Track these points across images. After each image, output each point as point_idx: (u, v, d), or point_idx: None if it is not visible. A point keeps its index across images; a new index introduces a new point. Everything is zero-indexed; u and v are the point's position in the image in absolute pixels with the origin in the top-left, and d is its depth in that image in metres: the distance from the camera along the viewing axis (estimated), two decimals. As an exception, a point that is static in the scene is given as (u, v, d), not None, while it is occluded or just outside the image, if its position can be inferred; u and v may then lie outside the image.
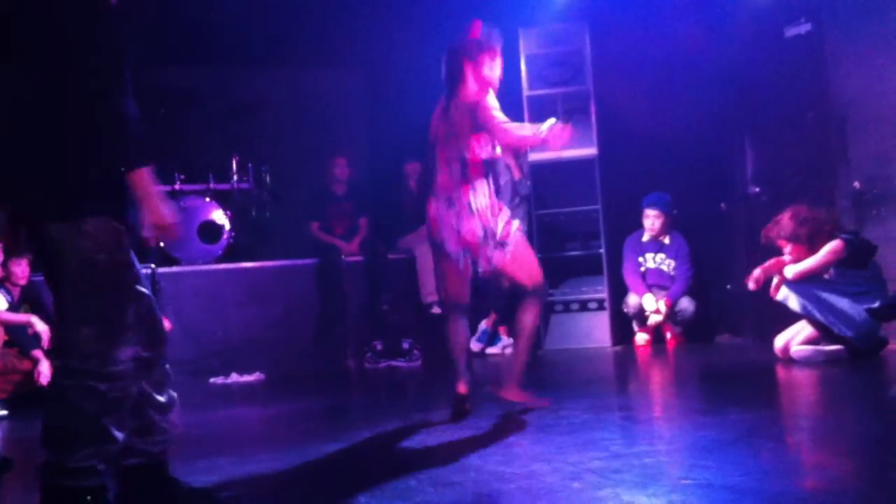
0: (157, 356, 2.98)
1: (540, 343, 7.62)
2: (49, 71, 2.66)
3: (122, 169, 2.73)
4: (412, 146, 8.37)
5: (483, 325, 7.59)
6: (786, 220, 5.74)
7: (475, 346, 7.45)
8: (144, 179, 2.78)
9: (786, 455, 3.35)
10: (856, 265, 5.62)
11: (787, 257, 5.78)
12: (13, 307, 6.14)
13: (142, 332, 2.89)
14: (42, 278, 2.86)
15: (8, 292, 6.18)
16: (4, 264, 6.17)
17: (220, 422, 5.31)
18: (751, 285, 5.82)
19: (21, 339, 5.97)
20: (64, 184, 2.70)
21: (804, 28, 6.68)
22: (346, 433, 4.22)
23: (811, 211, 5.74)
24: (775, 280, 5.78)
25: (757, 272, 5.79)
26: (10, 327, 6.00)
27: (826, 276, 5.72)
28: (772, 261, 5.84)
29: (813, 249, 5.67)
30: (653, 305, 7.36)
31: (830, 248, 5.63)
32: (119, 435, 2.78)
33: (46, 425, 2.74)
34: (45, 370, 5.81)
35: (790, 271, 5.71)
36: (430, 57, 8.43)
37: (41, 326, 5.95)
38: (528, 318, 4.55)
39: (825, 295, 5.60)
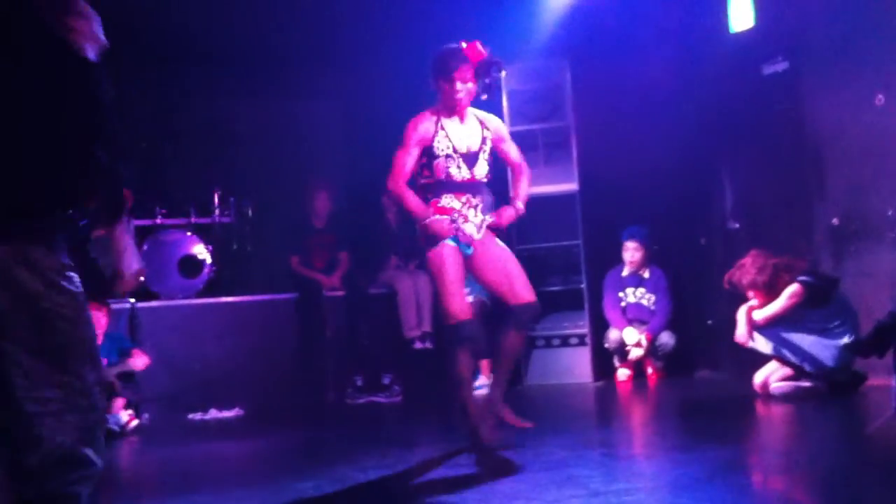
0: None
1: (521, 378, 7.60)
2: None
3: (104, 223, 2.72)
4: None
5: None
6: (747, 265, 5.79)
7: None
8: (119, 232, 2.76)
9: (763, 492, 3.34)
10: (818, 303, 5.63)
11: (753, 301, 5.80)
12: None
13: None
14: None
15: None
16: None
17: (198, 457, 5.26)
18: (742, 342, 5.80)
19: None
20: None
21: (781, 66, 6.76)
22: (324, 469, 4.19)
23: (769, 257, 5.77)
24: (739, 326, 5.81)
25: (741, 330, 5.78)
26: None
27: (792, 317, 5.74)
28: (743, 308, 5.84)
29: (773, 294, 5.70)
30: (634, 338, 7.36)
31: (790, 292, 5.65)
32: (98, 460, 2.75)
33: (31, 452, 2.70)
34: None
35: (756, 316, 5.74)
36: (409, 90, 8.52)
37: None
38: (507, 343, 4.51)
39: (792, 335, 5.65)
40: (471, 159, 4.49)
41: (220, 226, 8.08)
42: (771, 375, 5.80)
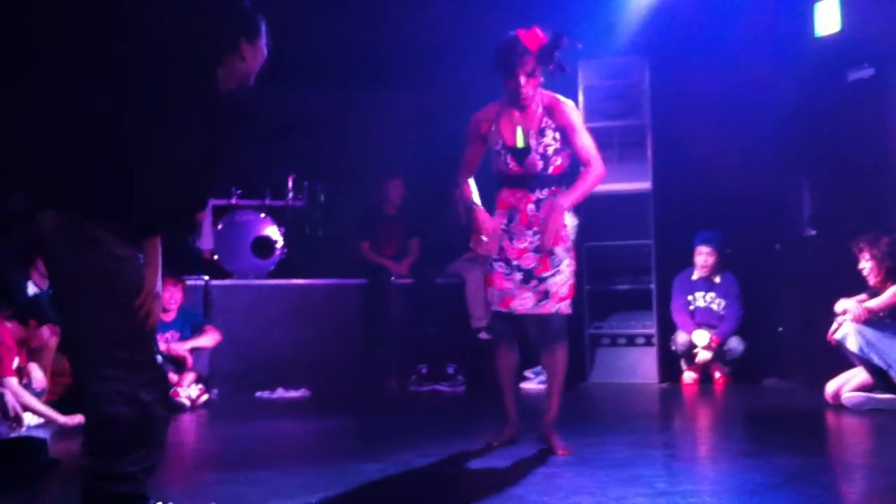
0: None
1: (584, 375, 7.58)
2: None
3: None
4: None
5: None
6: (884, 242, 5.69)
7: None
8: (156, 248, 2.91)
9: (832, 502, 3.29)
10: None
11: (846, 305, 5.67)
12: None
13: None
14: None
15: (36, 286, 6.29)
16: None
17: (263, 435, 5.35)
18: (857, 319, 5.67)
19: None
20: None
21: (867, 73, 6.61)
22: (386, 454, 4.23)
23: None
24: (835, 324, 5.71)
25: (854, 308, 5.66)
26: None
27: (888, 319, 5.64)
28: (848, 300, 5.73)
29: (886, 283, 5.60)
30: (705, 340, 7.27)
31: (894, 290, 5.56)
32: (160, 443, 2.82)
33: (88, 430, 2.78)
34: None
35: (870, 304, 5.62)
36: (483, 85, 8.52)
37: None
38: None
39: (886, 338, 5.51)
40: (522, 153, 4.32)
41: (292, 209, 8.19)
42: (844, 385, 5.69)
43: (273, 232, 7.80)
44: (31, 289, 6.23)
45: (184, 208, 2.83)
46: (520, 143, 4.31)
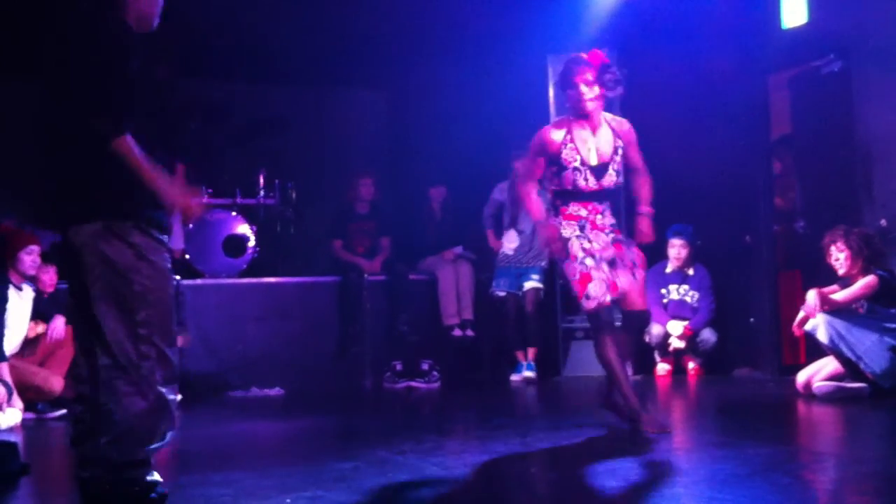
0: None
1: (558, 370, 7.61)
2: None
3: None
4: (436, 170, 8.43)
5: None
6: (857, 233, 5.75)
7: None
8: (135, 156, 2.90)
9: (803, 491, 3.32)
10: (887, 302, 5.59)
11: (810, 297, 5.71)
12: (39, 305, 6.22)
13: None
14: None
15: (34, 284, 6.25)
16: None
17: (237, 435, 5.32)
18: (810, 313, 5.70)
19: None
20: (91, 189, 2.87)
21: (835, 65, 6.67)
22: (362, 451, 4.22)
23: (879, 243, 5.77)
24: (801, 314, 5.75)
25: (811, 302, 5.69)
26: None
27: (860, 310, 5.69)
28: (815, 290, 5.75)
29: (858, 274, 5.65)
30: (678, 330, 7.33)
31: (864, 282, 5.61)
32: (167, 430, 2.89)
33: (101, 421, 2.85)
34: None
35: (835, 296, 5.66)
36: (454, 81, 8.52)
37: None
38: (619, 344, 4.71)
39: (855, 329, 5.56)
40: (600, 170, 4.60)
41: (264, 207, 8.16)
42: (814, 375, 5.74)
43: (245, 230, 7.76)
44: (27, 290, 6.17)
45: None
46: (594, 161, 4.57)
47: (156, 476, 2.96)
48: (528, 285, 7.39)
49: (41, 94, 3.02)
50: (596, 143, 4.59)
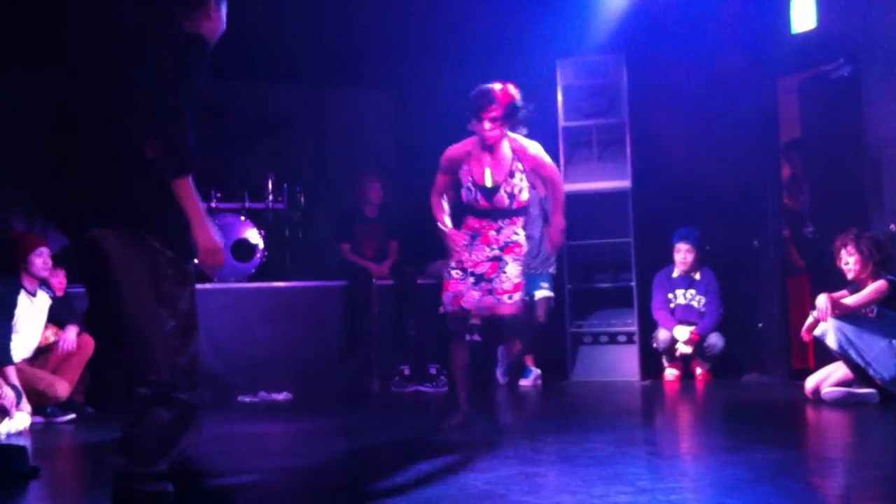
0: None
1: (566, 374, 7.61)
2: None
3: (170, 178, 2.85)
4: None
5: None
6: (869, 237, 5.74)
7: (501, 379, 7.43)
8: (192, 197, 2.90)
9: (812, 496, 3.31)
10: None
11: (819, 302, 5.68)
12: (56, 306, 6.25)
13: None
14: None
15: (49, 288, 6.28)
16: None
17: (245, 438, 5.33)
18: (821, 317, 5.67)
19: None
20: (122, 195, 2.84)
21: (844, 69, 6.66)
22: (369, 455, 4.23)
23: (890, 247, 5.76)
24: (810, 319, 5.73)
25: (821, 305, 5.66)
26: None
27: (870, 315, 5.67)
28: (824, 295, 5.72)
29: (868, 278, 5.64)
30: (685, 335, 7.32)
31: (874, 287, 5.59)
32: (189, 443, 2.96)
33: (129, 435, 2.87)
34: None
35: (846, 300, 5.64)
36: (462, 82, 8.51)
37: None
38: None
39: (864, 335, 5.54)
40: (491, 192, 4.89)
41: (272, 211, 8.17)
42: (823, 381, 5.72)
43: (253, 235, 7.78)
44: (42, 296, 6.19)
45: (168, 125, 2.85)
46: (488, 183, 4.89)
47: (168, 487, 2.93)
48: (539, 294, 7.33)
49: (70, 92, 2.96)
50: (492, 166, 4.89)
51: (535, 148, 5.00)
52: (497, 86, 4.84)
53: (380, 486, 3.65)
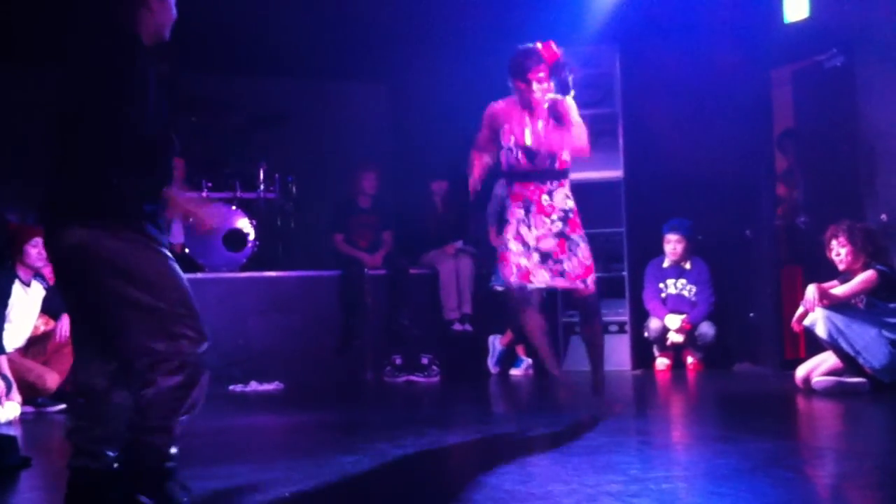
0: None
1: (559, 363, 7.60)
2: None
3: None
4: (438, 163, 8.42)
5: (498, 345, 7.55)
6: (861, 228, 5.74)
7: (493, 369, 7.45)
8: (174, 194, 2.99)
9: (804, 486, 3.32)
10: (887, 297, 5.58)
11: (809, 291, 5.69)
12: (50, 297, 6.23)
13: None
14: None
15: (44, 279, 6.25)
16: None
17: (239, 430, 5.32)
18: (809, 307, 5.68)
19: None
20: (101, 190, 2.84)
21: (837, 59, 6.66)
22: (362, 446, 4.22)
23: (882, 239, 5.77)
24: (800, 310, 5.74)
25: (810, 296, 5.66)
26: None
27: (859, 305, 5.68)
28: (814, 285, 5.73)
29: (859, 270, 5.65)
30: (676, 324, 7.34)
31: (864, 277, 5.60)
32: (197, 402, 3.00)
33: (145, 401, 2.88)
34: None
35: (835, 291, 5.64)
36: (456, 73, 8.51)
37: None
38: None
39: (854, 324, 5.55)
40: (532, 151, 4.77)
41: (264, 201, 8.14)
42: (814, 370, 5.74)
43: (245, 224, 7.75)
44: (36, 287, 6.17)
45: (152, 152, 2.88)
46: (528, 141, 4.76)
47: (174, 450, 2.95)
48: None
49: (57, 86, 2.98)
50: (532, 124, 4.77)
51: (568, 102, 4.85)
52: (538, 45, 4.72)
53: (370, 476, 3.65)
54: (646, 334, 7.52)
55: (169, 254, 2.99)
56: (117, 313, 2.89)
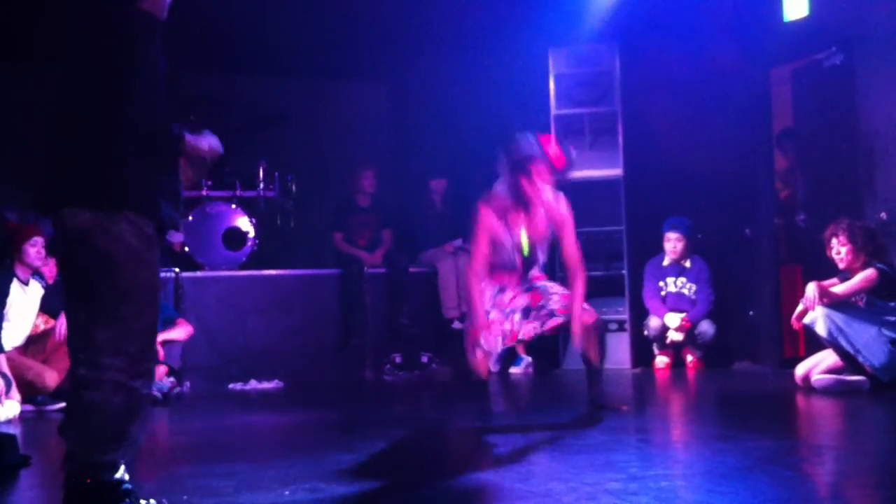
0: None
1: (558, 362, 7.61)
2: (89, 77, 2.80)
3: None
4: (437, 162, 8.42)
5: None
6: (861, 227, 5.73)
7: (493, 367, 7.42)
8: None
9: (804, 484, 3.32)
10: (887, 296, 5.58)
11: (809, 289, 5.69)
12: (48, 295, 6.22)
13: None
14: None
15: (42, 278, 6.26)
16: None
17: (239, 428, 5.33)
18: (809, 306, 5.67)
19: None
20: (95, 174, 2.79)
21: (837, 58, 6.65)
22: (362, 444, 4.22)
23: (881, 237, 5.76)
24: (799, 308, 5.73)
25: (810, 294, 5.66)
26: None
27: (859, 304, 5.68)
28: (814, 283, 5.72)
29: (860, 267, 5.64)
30: (676, 322, 7.34)
31: (864, 276, 5.59)
32: (140, 433, 2.83)
33: (71, 419, 2.80)
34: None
35: (835, 289, 5.64)
36: (455, 75, 8.51)
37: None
38: None
39: (854, 322, 5.54)
40: (529, 255, 4.82)
41: (264, 199, 8.15)
42: (813, 368, 5.73)
43: (244, 223, 7.76)
44: (34, 285, 6.17)
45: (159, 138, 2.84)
46: (525, 251, 4.79)
47: (122, 475, 2.81)
48: None
49: (60, 77, 2.92)
50: (528, 229, 4.79)
51: (564, 209, 4.87)
52: (550, 147, 4.74)
53: (370, 475, 3.65)
54: (645, 332, 7.52)
55: (157, 260, 2.90)
56: (86, 304, 2.80)
